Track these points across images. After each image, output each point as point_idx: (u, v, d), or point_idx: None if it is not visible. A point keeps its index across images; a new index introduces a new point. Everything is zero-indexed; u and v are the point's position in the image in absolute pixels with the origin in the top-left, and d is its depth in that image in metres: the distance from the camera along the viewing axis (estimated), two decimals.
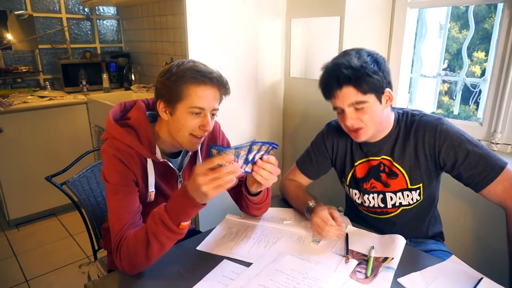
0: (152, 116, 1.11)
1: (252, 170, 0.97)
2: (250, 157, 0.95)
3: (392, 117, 1.19)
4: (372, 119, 1.10)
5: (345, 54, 1.11)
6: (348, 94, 1.07)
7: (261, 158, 0.96)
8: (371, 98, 1.08)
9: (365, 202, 1.26)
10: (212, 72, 1.00)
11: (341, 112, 1.13)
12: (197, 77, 0.97)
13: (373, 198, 1.24)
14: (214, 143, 1.21)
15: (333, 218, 1.09)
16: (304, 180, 1.38)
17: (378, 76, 1.06)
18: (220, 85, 1.01)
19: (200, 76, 0.97)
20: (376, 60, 1.08)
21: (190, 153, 1.14)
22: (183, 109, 0.99)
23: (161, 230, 0.89)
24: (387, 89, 1.11)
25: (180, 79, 0.97)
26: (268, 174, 0.97)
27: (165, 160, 1.07)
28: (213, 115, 1.03)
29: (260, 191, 1.11)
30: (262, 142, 0.94)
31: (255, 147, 0.93)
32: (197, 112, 0.99)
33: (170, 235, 0.90)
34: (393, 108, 1.21)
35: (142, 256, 0.91)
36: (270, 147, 0.96)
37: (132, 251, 0.91)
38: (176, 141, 1.05)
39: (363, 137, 1.14)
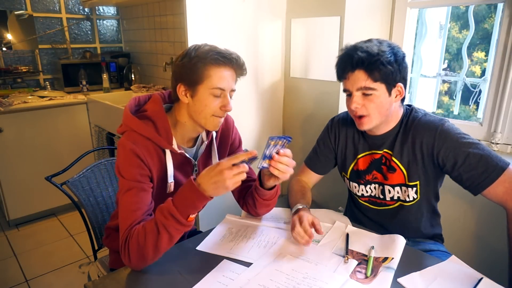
0: (168, 108, 1.12)
1: (269, 165, 1.00)
2: (267, 152, 0.98)
3: (400, 112, 1.20)
4: (378, 109, 1.12)
5: (368, 40, 1.13)
6: (359, 78, 1.09)
7: (277, 153, 0.99)
8: (380, 87, 1.10)
9: (366, 192, 1.27)
10: (232, 53, 1.02)
11: (350, 95, 1.15)
12: (218, 59, 0.99)
13: (374, 188, 1.26)
14: (227, 137, 1.22)
15: (314, 225, 1.07)
16: (313, 176, 1.39)
17: (392, 67, 1.08)
18: (237, 66, 1.03)
19: (221, 57, 0.99)
20: (395, 52, 1.09)
21: (205, 143, 1.16)
22: (204, 90, 1.00)
23: (171, 223, 0.91)
24: (400, 84, 1.12)
25: (201, 60, 0.98)
26: (285, 167, 1.01)
27: (182, 151, 1.08)
28: (230, 96, 1.05)
29: (274, 186, 1.13)
30: (278, 136, 0.96)
31: (272, 142, 0.96)
32: (218, 94, 1.01)
33: (180, 228, 0.93)
34: (402, 105, 1.22)
35: (151, 247, 0.92)
36: (286, 141, 0.98)
37: (142, 242, 0.92)
38: (198, 123, 1.06)
39: (366, 126, 1.16)
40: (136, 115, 1.05)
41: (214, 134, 1.17)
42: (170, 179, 1.07)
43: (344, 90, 1.17)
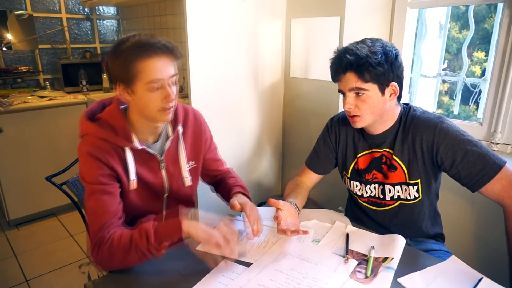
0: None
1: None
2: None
3: (397, 111, 1.20)
4: (370, 109, 1.13)
5: (361, 41, 1.14)
6: (350, 79, 1.11)
7: None
8: (372, 87, 1.10)
9: (366, 192, 1.28)
10: (157, 41, 0.96)
11: (344, 95, 1.16)
12: (141, 52, 0.93)
13: (374, 188, 1.26)
14: (199, 133, 1.22)
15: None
16: (313, 177, 1.40)
17: (382, 68, 1.08)
18: (168, 52, 0.97)
19: (145, 50, 0.93)
20: (386, 52, 1.10)
21: (171, 138, 1.14)
22: (141, 87, 0.96)
23: (143, 243, 0.93)
24: (394, 83, 1.12)
25: (128, 58, 0.93)
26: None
27: (144, 147, 1.07)
28: (173, 83, 1.00)
29: None
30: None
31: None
32: (156, 86, 0.96)
33: (150, 251, 0.93)
34: (399, 103, 1.22)
35: (119, 260, 0.95)
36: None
37: (112, 253, 0.95)
38: (148, 118, 1.04)
39: (358, 124, 1.18)
40: (93, 118, 1.06)
41: (181, 130, 1.16)
42: (132, 177, 1.06)
43: (339, 91, 1.19)
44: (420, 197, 1.20)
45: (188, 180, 1.18)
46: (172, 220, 0.95)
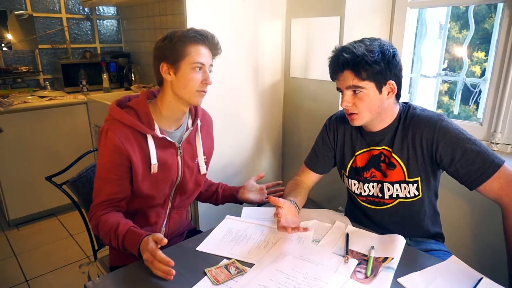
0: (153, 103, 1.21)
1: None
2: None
3: (396, 109, 1.21)
4: (367, 107, 1.14)
5: (360, 40, 1.15)
6: (347, 77, 1.13)
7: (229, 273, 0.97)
8: (369, 85, 1.11)
9: (364, 191, 1.28)
10: (207, 33, 1.15)
11: (342, 93, 1.18)
12: (196, 37, 1.11)
13: (373, 187, 1.26)
14: (211, 133, 1.36)
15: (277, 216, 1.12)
16: (313, 176, 1.40)
17: (379, 66, 1.09)
18: (212, 44, 1.15)
19: (199, 36, 1.12)
20: (383, 51, 1.10)
21: (191, 129, 1.24)
22: (186, 66, 1.11)
23: (115, 241, 1.06)
24: (391, 81, 1.13)
25: (181, 39, 1.10)
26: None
27: (164, 135, 1.16)
28: (210, 72, 1.16)
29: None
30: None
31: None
32: (199, 67, 1.11)
33: (123, 247, 1.06)
34: (398, 102, 1.22)
35: (102, 236, 1.11)
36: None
37: (98, 230, 1.11)
38: (182, 99, 1.15)
39: (356, 122, 1.19)
40: (121, 107, 1.15)
41: (199, 123, 1.27)
42: (153, 161, 1.15)
43: (337, 89, 1.20)
44: (420, 195, 1.20)
45: (203, 169, 1.29)
46: (137, 236, 1.02)
